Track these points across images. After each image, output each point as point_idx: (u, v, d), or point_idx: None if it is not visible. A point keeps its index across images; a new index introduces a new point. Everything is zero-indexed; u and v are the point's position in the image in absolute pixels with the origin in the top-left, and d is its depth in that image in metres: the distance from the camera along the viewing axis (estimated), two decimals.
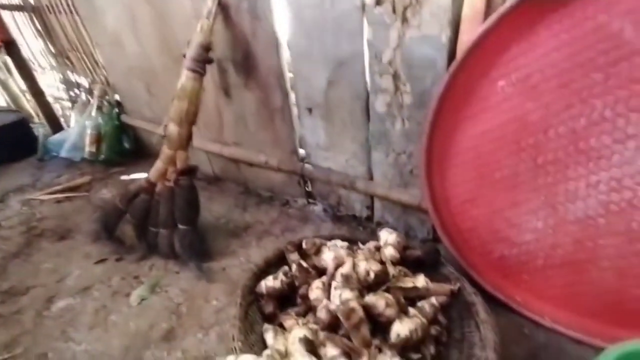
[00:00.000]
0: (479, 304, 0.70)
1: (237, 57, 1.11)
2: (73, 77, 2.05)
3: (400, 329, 0.58)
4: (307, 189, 1.27)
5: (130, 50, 1.46)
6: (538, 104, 0.69)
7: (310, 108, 1.05)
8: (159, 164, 1.05)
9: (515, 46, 0.68)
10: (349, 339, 0.58)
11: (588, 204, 0.70)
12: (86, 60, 1.85)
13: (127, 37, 1.42)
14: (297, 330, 0.60)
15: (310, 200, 1.28)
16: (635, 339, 0.50)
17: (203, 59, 1.00)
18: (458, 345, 0.69)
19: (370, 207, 1.13)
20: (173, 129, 1.00)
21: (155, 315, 0.87)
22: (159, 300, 0.92)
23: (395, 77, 0.83)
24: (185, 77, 0.99)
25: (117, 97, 1.86)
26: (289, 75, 1.06)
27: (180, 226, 1.04)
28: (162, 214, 1.05)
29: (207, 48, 1.01)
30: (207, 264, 1.03)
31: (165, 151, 1.03)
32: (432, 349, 0.65)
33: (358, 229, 1.14)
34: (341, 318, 0.55)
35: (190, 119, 1.01)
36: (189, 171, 1.05)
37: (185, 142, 1.03)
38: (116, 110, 1.85)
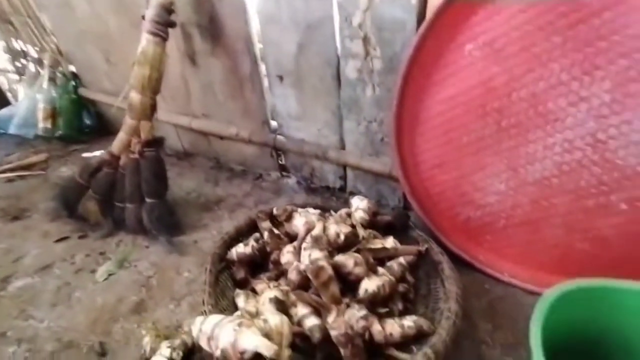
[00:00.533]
0: (444, 262, 0.74)
1: (203, 21, 1.04)
2: (18, 45, 1.86)
3: (368, 284, 0.60)
4: (280, 161, 1.26)
5: (80, 12, 1.33)
6: (502, 68, 0.71)
7: (280, 76, 1.02)
8: (121, 135, 0.99)
9: (483, 9, 0.69)
10: (320, 297, 0.59)
11: (544, 165, 0.74)
12: (31, 25, 1.67)
13: None
14: (268, 292, 0.60)
15: (284, 173, 1.27)
16: None
17: (164, 22, 0.93)
18: (424, 301, 0.73)
19: (343, 178, 1.13)
20: (135, 97, 0.94)
21: (123, 289, 0.85)
22: (127, 275, 0.89)
23: (366, 40, 0.82)
24: (145, 41, 0.92)
25: (72, 68, 1.71)
26: (257, 40, 1.02)
27: (148, 200, 1.00)
28: (128, 187, 1.01)
29: (168, 9, 0.94)
30: (178, 238, 1.01)
31: (128, 121, 0.97)
32: (400, 305, 0.68)
33: (331, 199, 1.15)
34: (310, 277, 0.56)
35: (153, 87, 0.95)
36: (155, 142, 1.00)
37: (149, 111, 0.97)
38: (73, 82, 1.71)
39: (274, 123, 1.17)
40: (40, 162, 1.50)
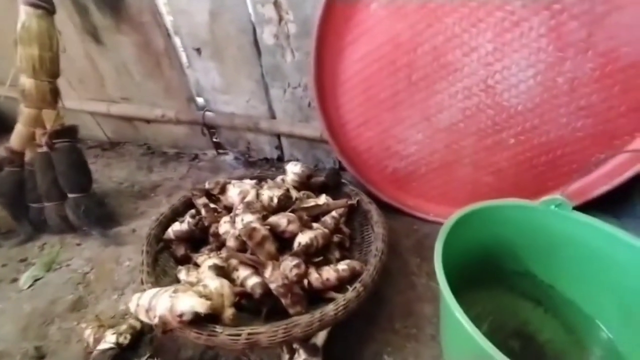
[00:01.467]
0: (372, 209, 0.81)
1: None
2: None
3: (302, 238, 0.64)
4: (214, 139, 1.23)
5: None
6: (406, 25, 0.76)
7: (198, 48, 0.97)
8: (20, 128, 0.88)
9: None
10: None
11: (452, 112, 0.83)
12: None
13: None
14: (207, 261, 0.62)
15: (220, 151, 1.25)
16: None
17: None
18: (359, 247, 0.80)
19: (279, 147, 1.15)
20: (28, 82, 0.83)
21: (55, 290, 0.80)
22: (58, 276, 0.84)
23: (277, 4, 0.81)
24: (25, 15, 0.80)
25: None
26: (166, 11, 0.95)
27: (70, 195, 0.93)
28: (41, 185, 0.92)
29: None
30: (113, 229, 0.96)
31: (25, 111, 0.86)
32: (337, 254, 0.74)
33: (271, 170, 1.17)
34: (245, 239, 0.59)
35: (48, 69, 0.84)
36: (67, 132, 0.91)
37: (50, 97, 0.87)
38: None
39: (200, 100, 1.13)
40: None
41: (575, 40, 0.65)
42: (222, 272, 0.61)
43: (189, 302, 0.47)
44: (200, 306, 0.47)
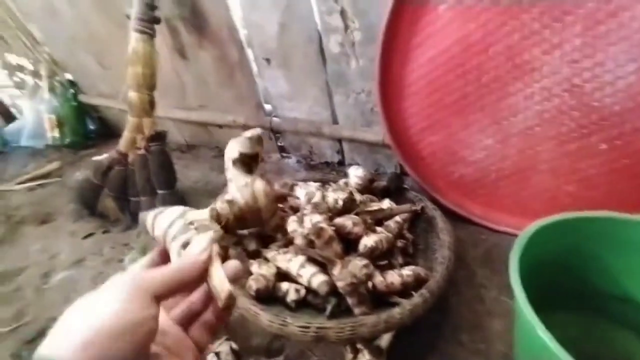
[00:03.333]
0: (438, 216, 0.79)
1: (185, 13, 1.07)
2: (13, 60, 1.90)
3: (367, 240, 0.66)
4: (278, 143, 1.31)
5: (65, 18, 1.36)
6: (477, 25, 0.73)
7: (267, 58, 1.05)
8: (126, 134, 1.05)
9: None
10: None
11: (526, 115, 0.77)
12: (22, 37, 1.71)
13: (59, 2, 1.32)
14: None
15: (284, 154, 1.32)
16: None
17: (149, 18, 0.96)
18: (423, 254, 0.79)
19: (340, 152, 1.18)
20: (133, 95, 0.99)
21: None
22: None
23: (343, 14, 0.84)
24: (134, 40, 0.95)
25: (68, 76, 1.76)
26: (241, 25, 1.04)
27: (159, 191, 1.07)
28: (139, 182, 1.08)
29: (151, 6, 0.97)
30: None
31: (130, 119, 1.03)
32: (400, 259, 0.74)
33: (331, 174, 1.20)
34: (313, 238, 0.62)
35: (148, 84, 0.99)
36: (158, 136, 1.06)
37: (149, 107, 1.02)
38: (71, 90, 1.76)
39: (267, 106, 1.21)
40: (55, 170, 1.58)
41: None
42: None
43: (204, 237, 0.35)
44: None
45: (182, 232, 0.32)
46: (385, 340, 0.59)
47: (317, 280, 0.64)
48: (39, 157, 1.71)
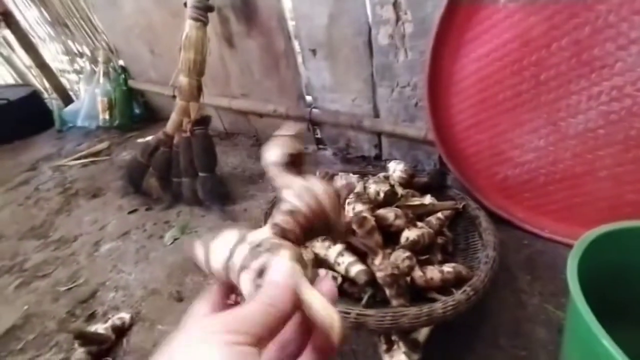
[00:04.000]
0: (481, 216, 0.76)
1: (237, 2, 1.10)
2: (74, 47, 2.05)
3: (409, 234, 0.65)
4: (316, 135, 1.32)
5: (127, 9, 1.45)
6: (541, 17, 0.69)
7: (314, 49, 1.06)
8: (174, 117, 1.10)
9: None
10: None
11: (589, 116, 0.72)
12: (84, 26, 1.84)
13: None
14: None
15: (320, 146, 1.33)
16: None
17: (204, 7, 1.00)
18: (462, 254, 0.77)
19: (378, 146, 1.17)
20: (183, 80, 1.04)
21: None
22: (189, 239, 1.03)
23: (396, 5, 0.83)
24: (189, 27, 1.00)
25: (121, 62, 1.87)
26: (290, 16, 1.06)
27: (200, 174, 1.12)
28: (182, 164, 1.13)
29: None
30: (229, 207, 1.12)
31: (179, 103, 1.08)
32: (439, 256, 0.73)
33: (367, 168, 1.19)
34: (355, 227, 0.62)
35: (198, 69, 1.04)
36: (203, 121, 1.10)
37: (196, 92, 1.07)
38: (123, 75, 1.87)
39: (309, 98, 1.22)
40: (104, 149, 1.70)
41: None
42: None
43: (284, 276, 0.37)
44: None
45: (251, 260, 0.26)
46: (422, 334, 0.58)
47: (356, 269, 0.64)
48: (92, 136, 1.84)
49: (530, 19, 0.70)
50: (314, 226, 0.31)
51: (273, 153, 0.37)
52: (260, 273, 0.25)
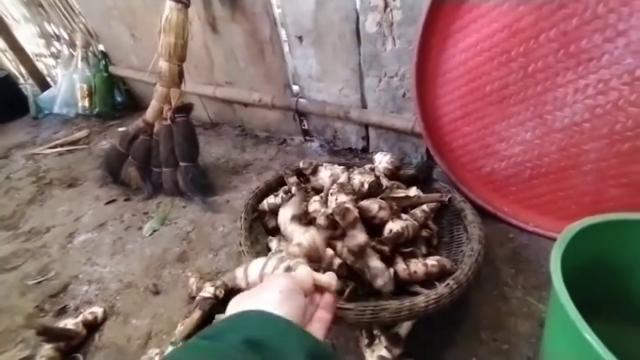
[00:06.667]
0: (467, 209, 0.75)
1: None
2: (50, 29, 1.95)
3: (393, 226, 0.64)
4: (302, 126, 1.29)
5: None
6: (530, 7, 0.68)
7: (300, 36, 1.02)
8: (154, 103, 1.05)
9: None
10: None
11: (575, 110, 0.72)
12: (60, 6, 1.74)
13: None
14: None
15: (307, 138, 1.30)
16: None
17: None
18: (447, 247, 0.76)
19: (366, 138, 1.15)
20: (163, 64, 0.99)
21: (167, 242, 0.94)
22: (169, 230, 0.99)
23: None
24: (169, 9, 0.95)
25: (101, 47, 1.79)
26: (275, 1, 1.02)
27: (181, 163, 1.08)
28: (162, 153, 1.08)
29: None
30: (211, 198, 1.08)
31: (159, 89, 1.03)
32: (423, 249, 0.72)
33: (354, 160, 1.17)
34: (337, 218, 0.60)
35: (178, 54, 0.99)
36: (184, 108, 1.06)
37: (177, 78, 1.02)
38: (103, 61, 1.79)
39: (295, 87, 1.19)
40: (83, 137, 1.63)
41: None
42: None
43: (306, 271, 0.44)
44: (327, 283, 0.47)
45: (278, 265, 0.45)
46: (404, 328, 0.57)
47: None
48: (69, 124, 1.76)
49: (520, 9, 0.69)
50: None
51: (288, 211, 0.61)
52: (288, 269, 0.43)
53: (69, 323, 0.70)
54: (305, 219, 0.69)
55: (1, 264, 0.94)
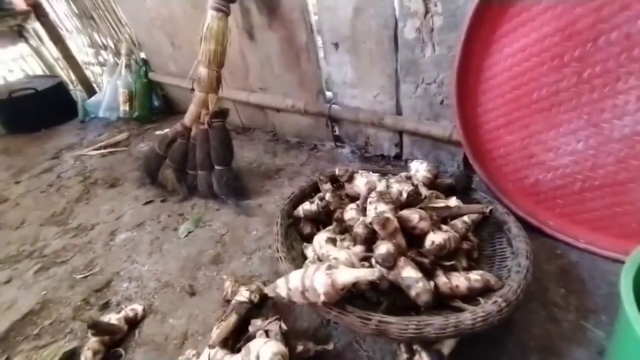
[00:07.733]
0: (511, 222, 0.71)
1: None
2: (99, 39, 2.09)
3: (435, 237, 0.61)
4: (334, 132, 1.28)
5: (150, 0, 1.45)
6: (588, 9, 0.64)
7: (336, 43, 1.02)
8: (192, 108, 1.09)
9: None
10: None
11: (637, 118, 0.67)
12: (109, 18, 1.87)
13: None
14: (321, 234, 0.66)
15: (338, 144, 1.30)
16: None
17: None
18: (489, 261, 0.72)
19: (399, 145, 1.13)
20: (203, 71, 1.02)
21: (202, 244, 0.97)
22: (203, 232, 1.01)
23: None
24: (210, 17, 0.98)
25: (142, 54, 1.89)
26: (313, 9, 1.03)
27: (216, 167, 1.11)
28: (198, 156, 1.12)
29: None
30: (244, 201, 1.10)
31: (197, 94, 1.06)
32: (464, 262, 0.68)
33: (387, 167, 1.15)
34: (377, 228, 0.59)
35: (218, 61, 1.02)
36: (221, 113, 1.09)
37: (216, 84, 1.05)
38: (143, 68, 1.89)
39: (329, 93, 1.19)
40: (123, 140, 1.72)
41: None
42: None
43: (352, 274, 0.51)
44: (370, 275, 0.51)
45: (319, 267, 0.54)
46: (447, 346, 0.54)
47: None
48: (112, 127, 1.87)
49: (576, 11, 0.65)
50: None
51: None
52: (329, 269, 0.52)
53: (112, 318, 0.73)
54: (340, 226, 0.68)
55: (53, 258, 1.00)
